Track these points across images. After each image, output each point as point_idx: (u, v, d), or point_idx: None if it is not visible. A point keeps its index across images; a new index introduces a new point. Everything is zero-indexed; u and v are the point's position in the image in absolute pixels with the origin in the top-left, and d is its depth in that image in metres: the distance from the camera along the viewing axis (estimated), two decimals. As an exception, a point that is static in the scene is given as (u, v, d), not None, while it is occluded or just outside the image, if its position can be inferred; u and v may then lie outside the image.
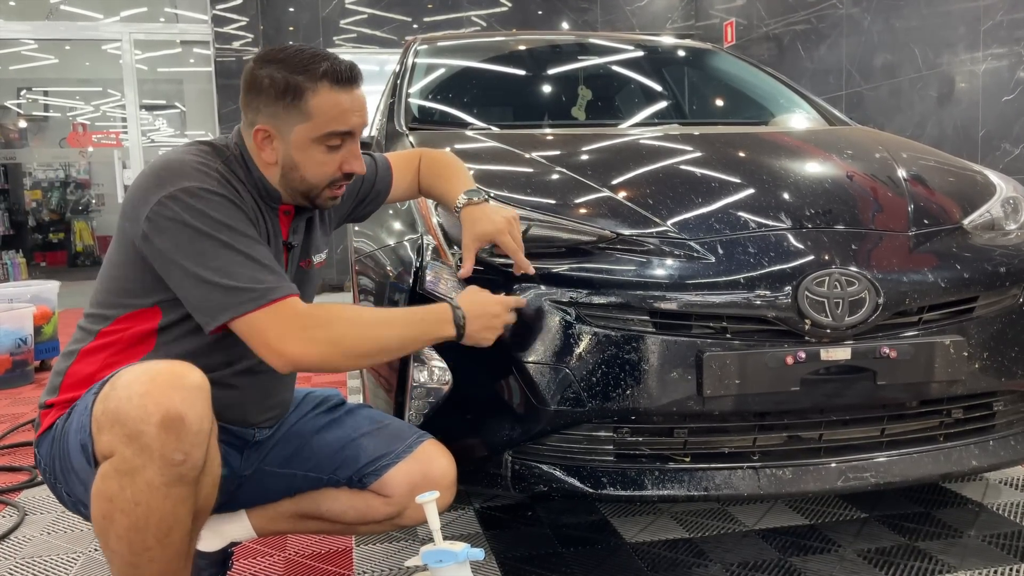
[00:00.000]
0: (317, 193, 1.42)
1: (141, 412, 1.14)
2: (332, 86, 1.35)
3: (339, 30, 7.43)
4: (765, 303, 1.61)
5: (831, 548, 1.86)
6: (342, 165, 1.40)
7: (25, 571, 1.87)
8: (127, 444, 1.15)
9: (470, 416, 1.69)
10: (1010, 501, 2.09)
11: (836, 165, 2.09)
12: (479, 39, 3.80)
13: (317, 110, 1.34)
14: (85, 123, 11.65)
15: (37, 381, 3.99)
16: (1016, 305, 1.77)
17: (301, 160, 1.38)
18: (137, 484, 1.15)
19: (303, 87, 1.33)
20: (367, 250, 2.10)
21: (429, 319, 1.40)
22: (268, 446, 1.56)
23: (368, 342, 1.35)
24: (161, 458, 1.14)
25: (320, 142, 1.37)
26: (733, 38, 7.28)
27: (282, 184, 1.41)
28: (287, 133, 1.36)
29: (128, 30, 7.69)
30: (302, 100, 1.34)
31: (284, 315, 1.27)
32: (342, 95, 1.35)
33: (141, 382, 1.16)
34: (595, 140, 2.34)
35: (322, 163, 1.39)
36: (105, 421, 1.17)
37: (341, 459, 1.51)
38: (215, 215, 1.28)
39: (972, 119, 4.62)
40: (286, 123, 1.36)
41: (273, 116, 1.36)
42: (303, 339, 1.28)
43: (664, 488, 1.62)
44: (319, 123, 1.35)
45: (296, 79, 1.33)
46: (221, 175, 1.34)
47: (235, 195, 1.34)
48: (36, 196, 11.74)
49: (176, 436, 1.14)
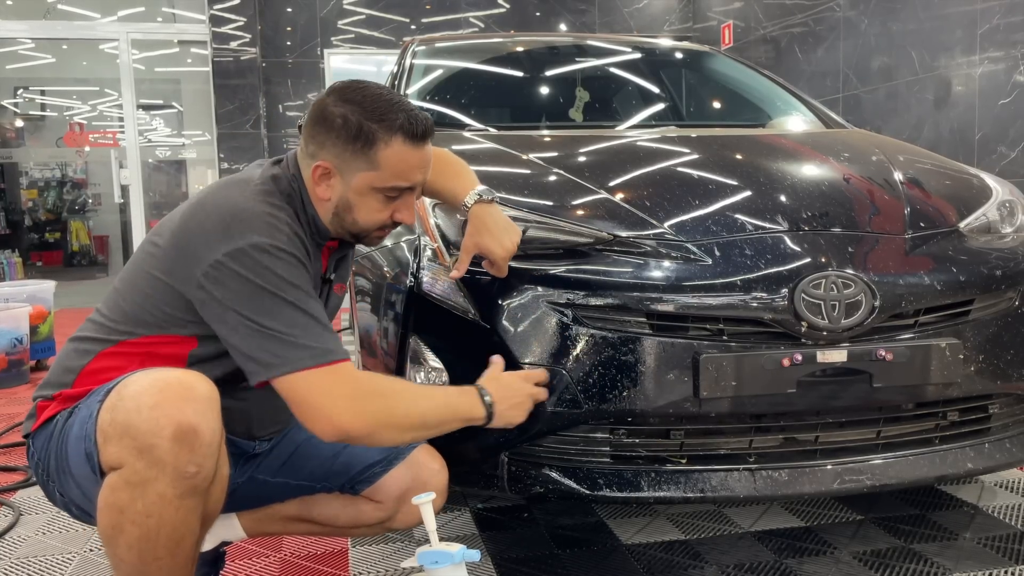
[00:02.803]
0: (366, 235, 1.42)
1: (152, 425, 1.12)
2: (405, 141, 1.32)
3: (337, 30, 7.43)
4: (762, 305, 1.61)
5: (827, 550, 1.86)
6: (394, 214, 1.39)
7: (20, 571, 1.87)
8: (138, 457, 1.13)
9: (467, 417, 1.69)
10: (1005, 504, 2.09)
11: (833, 168, 2.09)
12: (477, 40, 3.80)
13: (385, 162, 1.32)
14: (82, 122, 11.62)
15: (33, 381, 3.98)
16: (1012, 308, 1.77)
17: (357, 204, 1.36)
18: (148, 496, 1.14)
19: (376, 136, 1.31)
20: (364, 251, 2.10)
21: (462, 401, 1.40)
22: (263, 455, 1.56)
23: (412, 418, 1.33)
24: (174, 471, 1.14)
25: (381, 192, 1.35)
26: (731, 40, 7.29)
27: (333, 222, 1.39)
28: (349, 176, 1.34)
29: (125, 29, 7.68)
30: (372, 149, 1.31)
31: (339, 380, 1.25)
32: (413, 152, 1.34)
33: (150, 394, 1.14)
34: (593, 142, 2.34)
35: (377, 211, 1.38)
36: (113, 432, 1.15)
37: (334, 468, 1.50)
38: (282, 274, 1.25)
39: (968, 122, 4.63)
40: (351, 166, 1.33)
41: (338, 156, 1.33)
42: (354, 410, 1.25)
43: (660, 490, 1.62)
44: (384, 175, 1.33)
45: (371, 126, 1.31)
46: (291, 228, 1.32)
47: (302, 251, 1.32)
48: (32, 196, 11.71)
49: (190, 449, 1.14)
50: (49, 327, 4.30)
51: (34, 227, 11.73)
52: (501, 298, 1.64)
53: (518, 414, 1.44)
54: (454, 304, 1.67)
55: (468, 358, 1.69)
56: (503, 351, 1.62)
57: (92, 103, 11.60)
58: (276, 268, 1.25)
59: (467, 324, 1.66)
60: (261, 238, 1.25)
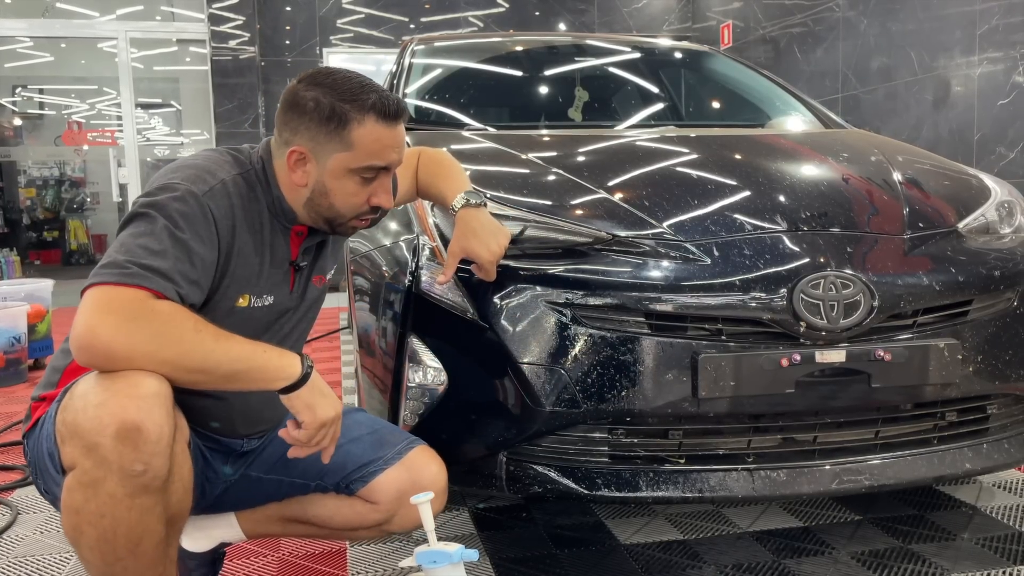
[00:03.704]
0: (342, 222, 1.40)
1: (96, 424, 1.10)
2: (378, 119, 1.33)
3: (336, 29, 7.43)
4: (760, 305, 1.61)
5: (825, 550, 1.86)
6: (371, 198, 1.38)
7: (18, 570, 1.86)
8: (86, 456, 1.12)
9: (465, 417, 1.69)
10: (1004, 504, 2.09)
11: (832, 168, 2.09)
12: (476, 40, 3.80)
13: (360, 141, 1.32)
14: (80, 121, 11.61)
15: (31, 380, 3.98)
16: (1010, 308, 1.77)
17: (333, 188, 1.35)
18: (100, 497, 1.13)
19: (349, 116, 1.31)
20: (363, 250, 2.10)
21: (271, 358, 1.22)
22: (255, 453, 1.55)
23: (189, 358, 1.17)
24: (120, 470, 1.11)
25: (356, 173, 1.35)
26: (730, 40, 7.29)
27: (307, 207, 1.38)
28: (324, 159, 1.34)
29: (124, 28, 7.67)
30: (346, 128, 1.32)
31: (127, 300, 1.14)
32: (386, 130, 1.34)
33: (96, 392, 1.13)
34: (592, 141, 2.34)
35: (353, 194, 1.37)
36: (66, 432, 1.14)
37: (328, 465, 1.47)
38: (174, 212, 1.23)
39: (968, 123, 4.63)
40: (325, 148, 1.33)
41: (312, 139, 1.34)
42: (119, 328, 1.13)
43: (659, 489, 1.62)
44: (359, 155, 1.33)
45: (343, 107, 1.31)
46: (224, 188, 1.31)
47: (221, 210, 1.29)
48: (31, 194, 11.70)
49: (133, 447, 1.11)
50: (47, 326, 4.29)
51: (32, 226, 11.72)
52: (500, 297, 1.64)
53: (328, 412, 1.26)
54: (453, 303, 1.67)
55: (467, 357, 1.69)
56: (501, 350, 1.62)
57: (90, 102, 11.59)
58: (174, 203, 1.24)
59: (466, 323, 1.66)
60: (185, 184, 1.27)
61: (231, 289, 1.33)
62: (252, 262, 1.36)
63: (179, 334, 1.16)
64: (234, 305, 1.35)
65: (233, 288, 1.34)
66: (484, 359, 1.66)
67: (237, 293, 1.34)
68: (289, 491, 1.53)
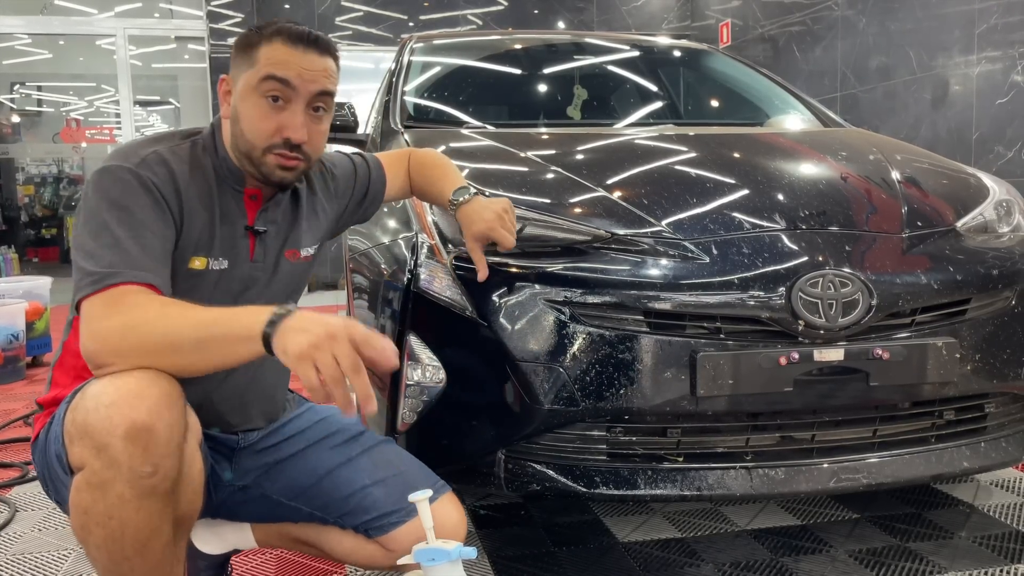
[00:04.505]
0: (259, 157, 1.33)
1: (107, 424, 1.09)
2: (285, 41, 1.32)
3: (335, 27, 7.42)
4: (759, 304, 1.61)
5: (823, 548, 1.87)
6: (282, 128, 1.32)
7: (16, 567, 1.86)
8: (96, 457, 1.11)
9: (464, 415, 1.69)
10: (1001, 503, 2.10)
11: (830, 167, 2.10)
12: (475, 38, 3.80)
13: (263, 58, 1.32)
14: (79, 118, 11.60)
15: (29, 377, 3.97)
16: (1008, 307, 1.77)
17: (243, 111, 1.33)
18: (109, 498, 1.11)
19: (259, 39, 1.33)
20: (361, 248, 2.10)
21: (237, 316, 1.14)
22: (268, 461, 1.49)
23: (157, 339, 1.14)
24: (130, 471, 1.10)
25: (259, 90, 1.31)
26: (729, 39, 7.29)
27: (233, 149, 1.37)
28: (238, 82, 1.35)
29: (122, 25, 7.66)
30: (256, 50, 1.33)
31: (100, 304, 1.17)
32: (292, 50, 1.32)
33: (107, 392, 1.12)
34: (591, 140, 2.34)
35: (260, 117, 1.32)
36: (75, 432, 1.13)
37: (350, 506, 1.44)
38: (116, 195, 1.24)
39: (966, 122, 4.63)
40: (239, 71, 1.34)
41: (234, 68, 1.36)
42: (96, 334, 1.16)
43: (657, 488, 1.62)
44: (259, 68, 1.31)
45: (258, 32, 1.34)
46: (158, 156, 1.30)
47: (159, 176, 1.28)
48: (29, 191, 11.68)
49: (143, 448, 1.09)
50: (45, 323, 4.29)
51: (30, 223, 11.71)
52: (499, 296, 1.64)
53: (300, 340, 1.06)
54: (451, 302, 1.67)
55: (465, 355, 1.69)
56: (500, 348, 1.62)
57: (89, 99, 11.58)
58: (112, 187, 1.25)
59: (464, 322, 1.66)
60: (114, 162, 1.27)
61: (186, 251, 1.32)
62: (202, 221, 1.34)
63: (143, 318, 1.16)
64: (188, 267, 1.33)
65: (187, 250, 1.32)
66: (483, 357, 1.66)
67: (190, 254, 1.33)
68: (308, 519, 1.49)
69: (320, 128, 1.38)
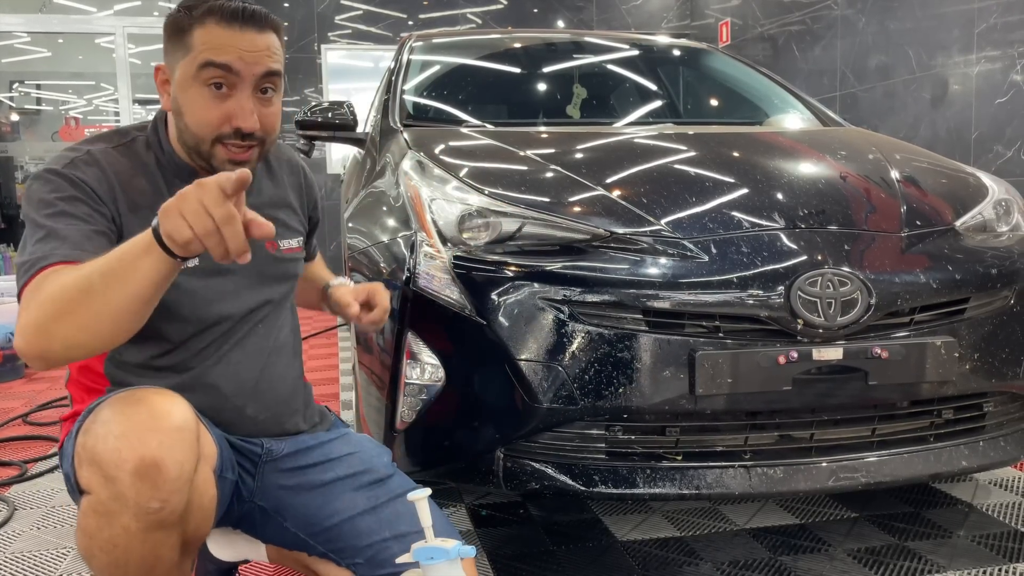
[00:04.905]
0: (207, 150, 1.25)
1: (115, 456, 1.06)
2: (219, 21, 1.21)
3: (334, 26, 7.41)
4: (758, 302, 1.61)
5: (821, 547, 1.87)
6: (230, 117, 1.23)
7: (14, 566, 1.86)
8: (103, 487, 1.08)
9: (463, 413, 1.69)
10: (999, 502, 2.10)
11: (830, 166, 2.10)
12: (475, 36, 3.80)
13: (198, 42, 1.21)
14: (78, 117, 11.59)
15: (27, 376, 3.97)
16: (1007, 307, 1.77)
17: (184, 102, 1.24)
18: (114, 528, 1.09)
19: (190, 21, 1.22)
20: (360, 246, 2.10)
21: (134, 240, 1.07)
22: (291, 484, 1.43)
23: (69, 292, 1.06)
24: (136, 506, 1.07)
25: (199, 79, 1.22)
26: (728, 38, 7.29)
27: (179, 143, 1.29)
28: (175, 71, 1.24)
29: (122, 24, 7.65)
30: (188, 34, 1.22)
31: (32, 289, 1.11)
32: (228, 30, 1.21)
33: (118, 421, 1.09)
34: (590, 138, 2.34)
35: (203, 108, 1.23)
36: (84, 456, 1.11)
37: (366, 556, 1.39)
38: (44, 195, 1.20)
39: (965, 121, 4.63)
40: (173, 59, 1.24)
41: (169, 56, 1.25)
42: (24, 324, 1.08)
43: (656, 486, 1.62)
44: (196, 54, 1.21)
45: (188, 15, 1.23)
46: (90, 156, 1.25)
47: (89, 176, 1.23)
48: (28, 190, 11.67)
49: (152, 484, 1.07)
50: (44, 322, 4.29)
51: (29, 221, 11.69)
52: (498, 294, 1.64)
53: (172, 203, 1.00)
54: (450, 300, 1.67)
55: (465, 354, 1.69)
56: (499, 347, 1.62)
57: (88, 97, 11.58)
58: (42, 191, 1.20)
59: (463, 320, 1.66)
60: (46, 166, 1.23)
61: None
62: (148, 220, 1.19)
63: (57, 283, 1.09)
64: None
65: None
66: (482, 356, 1.66)
67: None
68: (323, 556, 1.44)
69: (271, 110, 1.28)
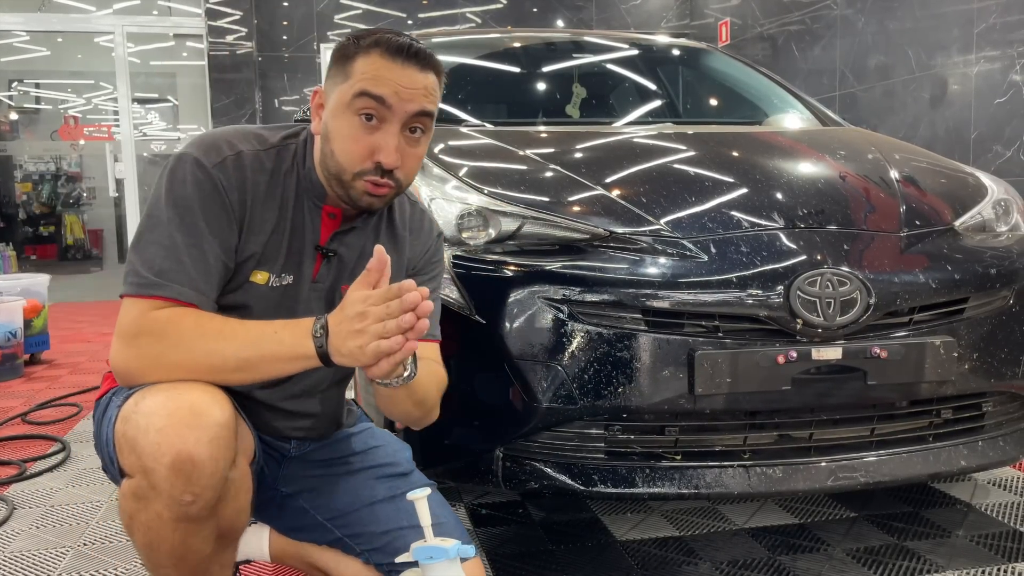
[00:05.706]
0: (349, 180, 1.25)
1: (154, 449, 1.10)
2: (383, 54, 1.21)
3: (333, 25, 7.41)
4: (757, 302, 1.61)
5: (820, 547, 1.87)
6: (374, 151, 1.22)
7: (14, 565, 1.86)
8: (141, 475, 1.13)
9: (462, 413, 1.69)
10: (998, 502, 2.10)
11: (829, 165, 2.10)
12: (474, 36, 3.80)
13: (358, 71, 1.22)
14: (77, 116, 11.59)
15: (27, 375, 3.97)
16: (1006, 306, 1.78)
17: (333, 128, 1.24)
18: (148, 512, 1.14)
19: (356, 50, 1.23)
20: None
21: (282, 337, 1.14)
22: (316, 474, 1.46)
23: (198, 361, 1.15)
24: (170, 498, 1.11)
25: (352, 107, 1.22)
26: (728, 38, 7.29)
27: (321, 167, 1.29)
28: (331, 96, 1.26)
29: (121, 23, 7.65)
30: (351, 61, 1.23)
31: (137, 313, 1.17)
32: (389, 63, 1.21)
33: (160, 415, 1.11)
34: (589, 138, 2.34)
35: (352, 138, 1.23)
36: (124, 444, 1.15)
37: (381, 543, 1.40)
38: (186, 191, 1.21)
39: (964, 121, 4.64)
40: (332, 84, 1.25)
41: (328, 80, 1.26)
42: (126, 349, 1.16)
43: (655, 486, 1.62)
44: (353, 81, 1.22)
45: (355, 43, 1.24)
46: (239, 160, 1.25)
47: (231, 181, 1.24)
48: (27, 189, 11.66)
49: (186, 479, 1.10)
50: (43, 321, 4.29)
51: (28, 221, 11.69)
52: (497, 294, 1.64)
53: (355, 344, 1.09)
54: (450, 300, 1.67)
55: (464, 353, 1.69)
56: (498, 346, 1.62)
57: (87, 96, 11.57)
58: (186, 182, 1.21)
59: (463, 320, 1.66)
60: (198, 152, 1.23)
61: (247, 264, 1.28)
62: (267, 235, 1.28)
63: (178, 339, 1.15)
64: (249, 280, 1.29)
65: (250, 262, 1.28)
66: (481, 355, 1.67)
67: (252, 267, 1.29)
68: (335, 544, 1.46)
69: (416, 151, 1.27)
